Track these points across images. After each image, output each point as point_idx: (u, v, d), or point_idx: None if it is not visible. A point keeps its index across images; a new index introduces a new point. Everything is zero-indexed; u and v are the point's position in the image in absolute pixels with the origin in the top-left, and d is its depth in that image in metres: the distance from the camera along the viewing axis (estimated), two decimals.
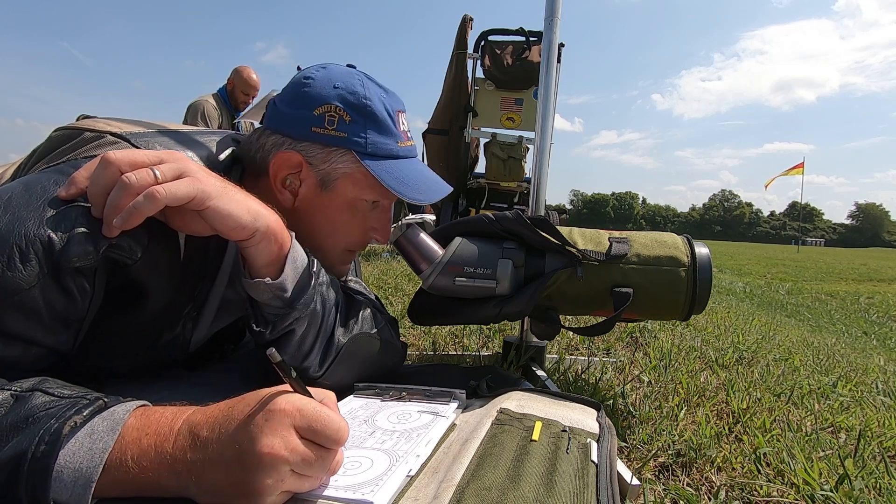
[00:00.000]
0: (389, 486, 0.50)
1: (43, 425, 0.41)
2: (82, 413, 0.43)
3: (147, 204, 0.50)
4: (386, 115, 0.73)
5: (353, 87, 0.72)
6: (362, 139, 0.71)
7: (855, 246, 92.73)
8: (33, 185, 0.54)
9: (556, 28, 1.21)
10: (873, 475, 0.81)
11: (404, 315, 1.64)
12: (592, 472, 0.56)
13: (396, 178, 0.72)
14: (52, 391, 0.45)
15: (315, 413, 0.46)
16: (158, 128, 0.70)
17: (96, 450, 0.42)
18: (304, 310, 0.67)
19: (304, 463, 0.44)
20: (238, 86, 3.42)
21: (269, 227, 0.60)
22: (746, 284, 6.95)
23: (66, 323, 0.54)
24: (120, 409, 0.45)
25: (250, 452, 0.42)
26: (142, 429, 0.44)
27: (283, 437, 0.43)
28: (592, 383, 1.22)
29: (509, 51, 3.83)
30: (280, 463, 0.43)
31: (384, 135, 0.73)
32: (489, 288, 0.92)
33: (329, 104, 0.70)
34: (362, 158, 0.71)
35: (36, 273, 0.49)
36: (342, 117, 0.70)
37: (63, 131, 0.67)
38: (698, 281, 0.94)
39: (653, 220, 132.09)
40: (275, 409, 0.44)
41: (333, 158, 0.71)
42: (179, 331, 0.70)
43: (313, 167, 0.71)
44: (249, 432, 0.43)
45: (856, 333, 4.02)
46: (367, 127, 0.71)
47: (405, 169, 0.75)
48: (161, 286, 0.62)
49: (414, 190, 0.73)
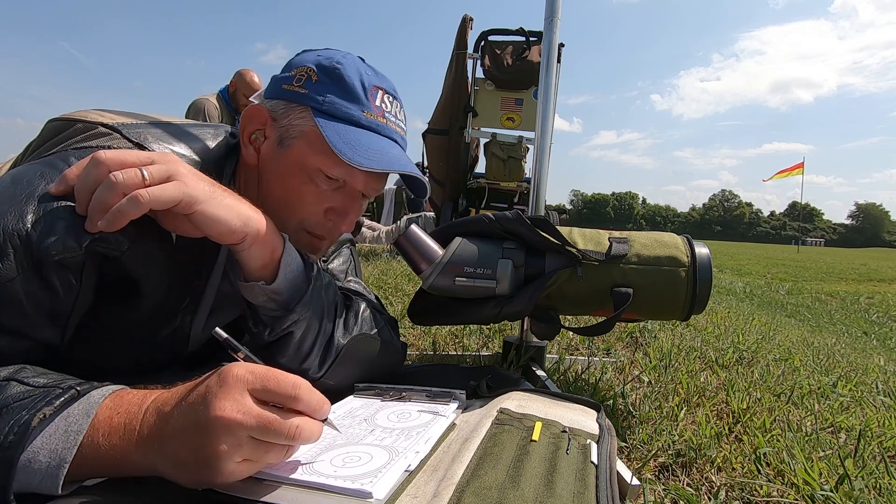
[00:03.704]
0: (388, 478, 0.50)
1: (14, 416, 0.43)
2: (53, 404, 0.44)
3: (130, 207, 0.51)
4: (357, 82, 0.69)
5: (332, 55, 0.71)
6: (321, 97, 0.68)
7: (855, 246, 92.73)
8: (20, 178, 0.54)
9: (556, 28, 1.21)
10: (873, 475, 0.81)
11: (404, 315, 1.64)
12: (592, 473, 0.56)
13: (344, 140, 0.66)
14: (27, 381, 0.46)
15: (267, 372, 0.47)
16: (150, 119, 0.70)
17: (71, 432, 0.43)
18: (302, 312, 0.67)
19: (260, 427, 0.44)
20: (241, 88, 3.42)
21: (259, 231, 0.60)
22: (746, 284, 6.95)
23: (51, 317, 0.54)
24: (96, 394, 0.47)
25: (204, 418, 0.43)
26: (114, 409, 0.46)
27: (235, 401, 0.44)
28: (592, 383, 1.22)
29: (509, 51, 3.83)
30: (234, 426, 0.43)
31: (347, 99, 0.69)
32: (489, 288, 0.92)
33: (305, 66, 0.70)
34: (316, 116, 0.67)
35: (16, 267, 0.49)
36: (310, 76, 0.69)
37: (55, 122, 0.67)
38: (698, 281, 0.94)
39: (653, 220, 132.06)
40: (228, 375, 0.45)
41: (292, 114, 0.69)
42: (178, 324, 0.70)
43: (276, 123, 0.69)
44: (205, 399, 0.44)
45: (856, 333, 4.02)
46: (331, 88, 0.69)
47: (362, 136, 0.68)
48: (155, 279, 0.62)
49: (360, 155, 0.65)
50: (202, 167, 0.66)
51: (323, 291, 0.72)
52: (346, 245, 0.99)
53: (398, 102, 0.76)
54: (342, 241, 0.96)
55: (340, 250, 0.97)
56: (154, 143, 0.64)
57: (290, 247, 0.66)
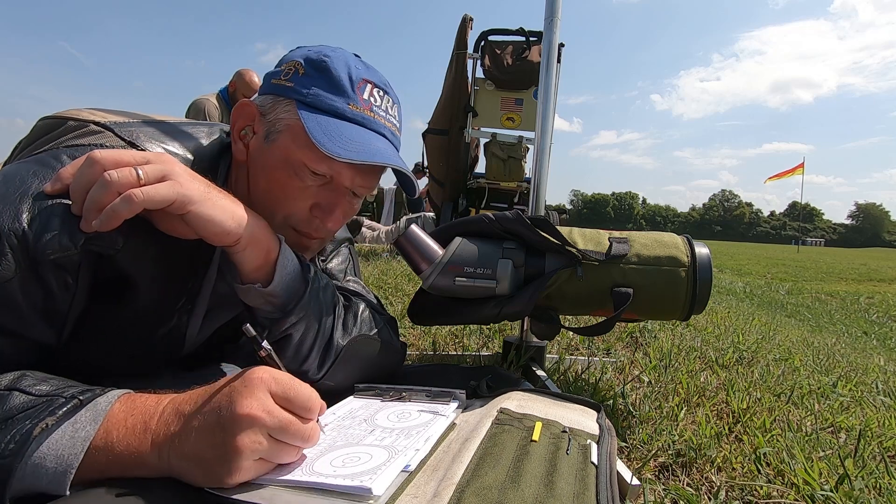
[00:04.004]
0: (387, 475, 0.50)
1: (17, 426, 0.43)
2: (56, 414, 0.44)
3: (124, 206, 0.50)
4: (343, 75, 0.68)
5: (321, 49, 0.70)
6: (306, 90, 0.67)
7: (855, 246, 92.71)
8: (12, 176, 0.54)
9: (556, 28, 1.21)
10: (873, 475, 0.81)
11: (404, 315, 1.64)
12: (592, 473, 0.56)
13: (324, 131, 0.64)
14: (29, 390, 0.47)
15: (289, 381, 0.50)
16: (144, 118, 0.69)
17: (78, 438, 0.44)
18: (300, 314, 0.67)
19: (279, 427, 0.47)
20: (240, 88, 3.42)
21: (254, 233, 0.60)
22: (746, 284, 6.94)
23: (48, 317, 0.54)
24: (102, 400, 0.47)
25: (229, 414, 0.45)
26: (127, 411, 0.47)
27: (259, 400, 0.47)
28: (592, 383, 1.22)
29: (509, 51, 3.83)
30: (257, 423, 0.46)
31: (332, 91, 0.67)
32: (489, 288, 0.92)
33: (294, 60, 0.69)
34: (299, 108, 0.66)
35: (13, 267, 0.49)
36: (297, 70, 0.68)
37: (47, 121, 0.67)
38: (698, 281, 0.94)
39: (653, 220, 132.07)
40: (252, 377, 0.48)
41: (279, 108, 0.68)
42: (174, 325, 0.69)
43: (264, 118, 0.68)
44: (229, 397, 0.46)
45: (856, 333, 4.02)
46: (317, 81, 0.67)
47: (344, 128, 0.66)
48: (150, 278, 0.62)
49: (339, 146, 0.63)
50: (196, 166, 0.65)
51: (321, 293, 0.72)
52: (344, 244, 0.98)
53: (390, 97, 0.73)
54: (341, 241, 0.96)
55: (339, 249, 0.97)
56: (146, 141, 0.64)
57: (287, 248, 0.65)
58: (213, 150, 0.71)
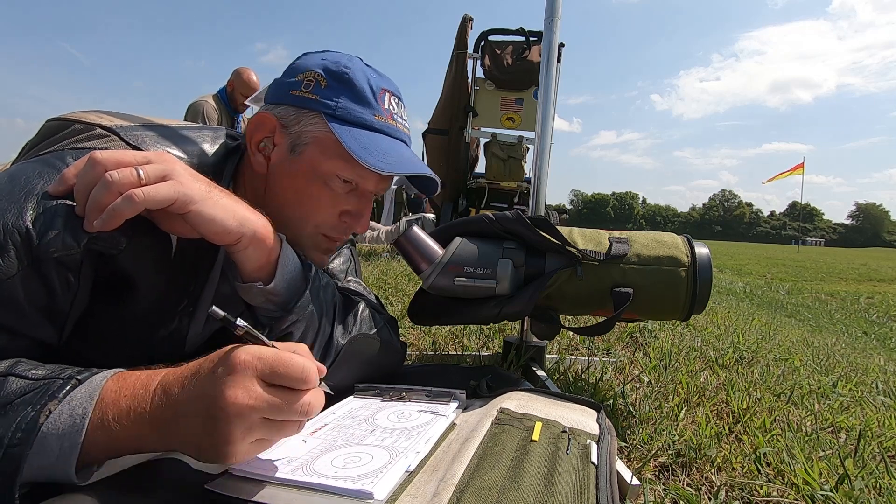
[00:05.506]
0: (389, 478, 0.50)
1: (19, 413, 0.43)
2: (56, 397, 0.44)
3: (125, 206, 0.51)
4: (366, 86, 0.70)
5: (337, 59, 0.71)
6: (333, 102, 0.68)
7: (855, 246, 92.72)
8: (17, 176, 0.54)
9: (556, 28, 1.21)
10: (873, 475, 0.81)
11: (404, 315, 1.64)
12: (592, 473, 0.56)
13: (361, 144, 0.67)
14: (25, 374, 0.47)
15: (275, 356, 0.47)
16: (149, 122, 0.70)
17: (76, 415, 0.44)
18: (300, 313, 0.67)
19: (271, 408, 0.46)
20: (238, 87, 3.42)
21: (255, 232, 0.60)
22: (746, 284, 6.95)
23: (49, 315, 0.54)
24: (97, 378, 0.47)
25: (216, 406, 0.44)
26: (118, 391, 0.47)
27: (245, 388, 0.45)
28: (592, 383, 1.22)
29: (509, 51, 3.83)
30: (246, 412, 0.44)
31: (359, 103, 0.70)
32: (489, 288, 0.92)
33: (311, 71, 0.70)
34: (330, 121, 0.68)
35: (16, 264, 0.50)
36: (319, 82, 0.69)
37: (53, 122, 0.67)
38: (698, 281, 0.94)
39: (653, 220, 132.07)
40: (235, 361, 0.46)
41: (304, 121, 0.69)
42: (175, 326, 0.70)
43: (286, 130, 0.69)
44: (215, 387, 0.45)
45: (856, 333, 4.02)
46: (342, 93, 0.69)
47: (376, 140, 0.69)
48: (151, 278, 0.62)
49: (379, 159, 0.66)
50: (199, 170, 0.66)
51: (321, 292, 0.72)
52: (345, 245, 0.99)
53: (402, 103, 0.77)
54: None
55: (340, 250, 0.97)
56: (152, 145, 0.64)
57: (287, 247, 0.66)
58: (217, 154, 0.71)
